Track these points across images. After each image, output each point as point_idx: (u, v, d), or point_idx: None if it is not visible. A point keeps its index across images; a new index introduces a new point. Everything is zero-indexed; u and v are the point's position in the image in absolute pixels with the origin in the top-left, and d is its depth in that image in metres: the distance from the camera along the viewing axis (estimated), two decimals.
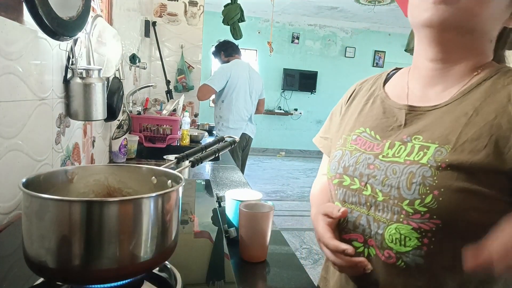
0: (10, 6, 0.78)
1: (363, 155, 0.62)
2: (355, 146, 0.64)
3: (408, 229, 0.54)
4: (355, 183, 0.61)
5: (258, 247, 0.82)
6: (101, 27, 1.25)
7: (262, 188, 4.68)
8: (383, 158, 0.59)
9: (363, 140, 0.64)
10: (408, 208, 0.54)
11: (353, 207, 0.61)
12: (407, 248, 0.54)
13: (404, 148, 0.57)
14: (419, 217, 0.53)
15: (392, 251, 0.56)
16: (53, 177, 0.58)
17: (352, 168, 0.62)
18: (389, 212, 0.56)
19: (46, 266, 0.46)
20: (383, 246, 0.57)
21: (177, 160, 0.77)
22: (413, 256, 0.54)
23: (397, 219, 0.55)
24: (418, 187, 0.53)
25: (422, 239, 0.53)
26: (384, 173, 0.57)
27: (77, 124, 1.21)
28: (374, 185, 0.58)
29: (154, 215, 0.49)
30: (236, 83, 2.78)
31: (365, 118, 0.67)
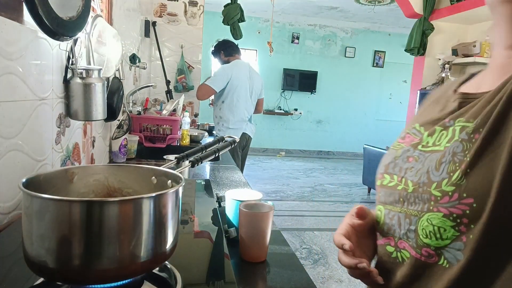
0: (10, 6, 0.78)
1: (403, 149, 0.56)
2: (401, 144, 0.58)
3: (439, 217, 0.45)
4: (393, 180, 0.55)
5: (258, 247, 0.82)
6: (101, 27, 1.25)
7: (262, 188, 4.68)
8: (422, 148, 0.53)
9: (411, 137, 0.57)
10: (436, 191, 0.46)
11: (390, 208, 0.54)
12: (445, 241, 0.45)
13: (445, 133, 0.50)
14: (447, 200, 0.45)
15: (431, 248, 0.47)
16: (53, 177, 0.58)
17: (392, 164, 0.57)
18: (420, 203, 0.49)
19: (46, 266, 0.46)
20: (419, 244, 0.48)
21: (177, 160, 0.77)
22: (453, 251, 0.45)
23: (428, 208, 0.47)
24: (447, 165, 0.46)
25: (458, 227, 0.44)
26: (422, 164, 0.51)
27: (77, 124, 1.21)
28: (408, 178, 0.52)
29: (154, 215, 0.49)
30: (237, 84, 2.77)
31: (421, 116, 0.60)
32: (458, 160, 0.45)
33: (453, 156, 0.46)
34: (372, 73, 7.41)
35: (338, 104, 7.38)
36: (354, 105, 7.43)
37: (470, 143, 0.45)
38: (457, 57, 3.58)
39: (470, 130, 0.46)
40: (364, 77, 7.36)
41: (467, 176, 0.44)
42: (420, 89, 3.73)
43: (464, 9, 3.33)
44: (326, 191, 4.81)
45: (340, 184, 5.25)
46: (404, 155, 0.55)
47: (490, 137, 0.43)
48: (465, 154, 0.45)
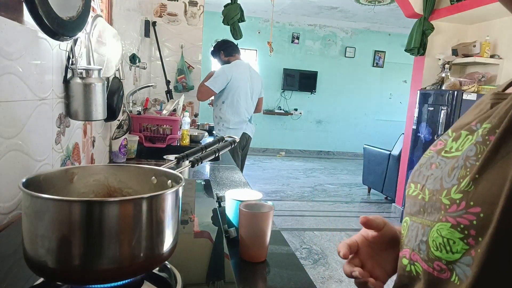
0: (10, 6, 0.78)
1: (429, 156, 0.52)
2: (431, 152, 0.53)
3: (447, 227, 0.41)
4: (416, 189, 0.51)
5: (258, 247, 0.82)
6: (101, 27, 1.25)
7: (262, 188, 4.68)
8: (445, 154, 0.49)
9: (442, 143, 0.52)
10: (445, 199, 0.42)
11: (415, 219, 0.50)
12: (456, 255, 0.41)
13: (471, 138, 0.45)
14: (455, 208, 0.41)
15: (442, 262, 0.42)
16: (53, 177, 0.58)
17: (417, 172, 0.53)
18: (433, 213, 0.45)
19: (46, 266, 0.46)
20: (430, 257, 0.44)
21: (177, 160, 0.77)
22: (464, 266, 0.40)
23: (438, 218, 0.43)
24: (458, 171, 0.42)
25: (466, 239, 0.40)
26: (441, 171, 0.46)
27: (77, 124, 1.21)
28: (427, 186, 0.48)
29: (154, 215, 0.49)
30: (238, 84, 2.77)
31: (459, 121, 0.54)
32: (469, 165, 0.41)
33: (465, 161, 0.42)
34: (372, 73, 7.41)
35: (338, 104, 7.38)
36: (354, 105, 7.43)
37: (484, 145, 0.41)
38: (457, 57, 3.58)
39: (485, 132, 0.42)
40: (364, 77, 7.36)
41: (476, 183, 0.40)
42: (420, 89, 3.73)
43: (464, 9, 3.33)
44: (326, 191, 4.81)
45: (340, 184, 5.25)
46: (428, 162, 0.51)
47: (503, 140, 0.39)
48: (477, 159, 0.41)
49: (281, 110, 7.14)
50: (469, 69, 3.77)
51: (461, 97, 3.21)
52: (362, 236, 0.57)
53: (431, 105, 3.50)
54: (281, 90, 7.11)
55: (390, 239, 0.56)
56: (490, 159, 0.39)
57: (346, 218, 3.79)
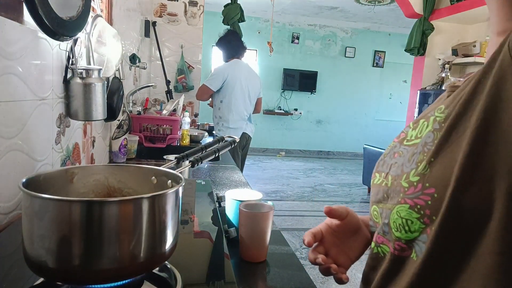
0: (10, 6, 0.78)
1: (391, 146, 0.56)
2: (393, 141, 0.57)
3: (406, 209, 0.44)
4: (380, 178, 0.54)
5: (258, 247, 0.82)
6: (101, 27, 1.25)
7: (262, 188, 4.68)
8: (406, 142, 0.52)
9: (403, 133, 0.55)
10: (404, 182, 0.46)
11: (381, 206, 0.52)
12: (414, 234, 0.44)
13: (426, 124, 0.49)
14: (413, 190, 0.44)
15: (402, 241, 0.45)
16: (53, 177, 0.58)
17: (381, 162, 0.56)
18: (395, 197, 0.48)
19: (46, 266, 0.46)
20: (392, 237, 0.47)
21: (177, 160, 0.77)
22: (421, 244, 0.43)
23: (397, 201, 0.46)
24: (417, 156, 0.46)
25: (422, 219, 0.43)
26: (403, 158, 0.49)
27: (77, 124, 1.21)
28: (390, 173, 0.51)
29: (154, 215, 0.49)
30: (234, 82, 2.77)
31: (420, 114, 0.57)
32: (427, 150, 0.45)
33: (423, 147, 0.46)
34: (372, 73, 7.41)
35: (338, 104, 7.38)
36: (354, 105, 7.43)
37: (439, 132, 0.44)
38: (457, 57, 3.58)
39: (441, 119, 0.45)
40: (364, 77, 7.36)
41: (431, 165, 0.43)
42: (420, 89, 3.73)
43: (464, 9, 3.33)
44: (326, 191, 4.81)
45: (340, 184, 5.25)
46: (391, 152, 0.54)
47: (455, 125, 0.42)
48: (434, 144, 0.44)
49: (281, 110, 7.14)
50: (469, 69, 3.77)
51: None
52: (327, 225, 0.61)
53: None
54: (281, 90, 7.11)
55: (353, 228, 0.60)
56: (443, 144, 0.43)
57: None
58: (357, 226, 0.61)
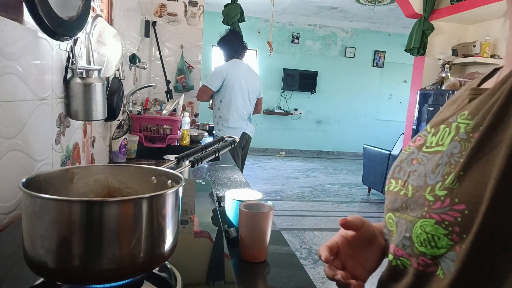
0: (10, 6, 0.78)
1: (409, 151, 0.53)
2: (411, 147, 0.54)
3: (431, 224, 0.42)
4: (397, 185, 0.52)
5: (258, 247, 0.82)
6: (101, 27, 1.25)
7: (262, 188, 4.68)
8: (426, 149, 0.50)
9: (421, 139, 0.53)
10: (429, 196, 0.43)
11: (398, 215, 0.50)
12: (441, 250, 0.42)
13: (448, 130, 0.47)
14: (439, 205, 0.41)
15: (427, 257, 0.43)
16: (53, 177, 0.58)
17: (398, 168, 0.54)
18: (416, 209, 0.45)
19: (46, 266, 0.46)
20: (415, 252, 0.45)
21: (177, 160, 0.77)
22: (449, 261, 0.41)
23: (421, 214, 0.44)
24: (443, 168, 0.43)
25: (450, 236, 0.40)
26: (424, 167, 0.47)
27: (77, 124, 1.21)
28: (410, 182, 0.49)
29: (154, 215, 0.49)
30: (234, 82, 2.78)
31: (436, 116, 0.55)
32: (454, 162, 0.42)
33: (449, 158, 0.43)
34: (372, 73, 7.41)
35: (338, 104, 7.38)
36: (354, 105, 7.43)
37: (468, 142, 0.42)
38: (457, 57, 3.58)
39: (469, 129, 0.43)
40: (364, 77, 7.36)
41: (460, 180, 0.40)
42: (420, 89, 3.73)
43: (464, 9, 3.33)
44: (326, 191, 4.81)
45: (340, 184, 5.25)
46: (409, 158, 0.52)
47: (488, 136, 0.40)
48: (462, 156, 0.41)
49: (281, 110, 7.14)
50: (469, 69, 3.77)
51: None
52: (342, 236, 0.57)
53: (431, 105, 3.50)
54: (281, 90, 7.10)
55: (369, 238, 0.57)
56: (474, 156, 0.40)
57: None
58: (372, 235, 0.58)
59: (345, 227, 0.56)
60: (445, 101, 2.41)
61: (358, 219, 0.56)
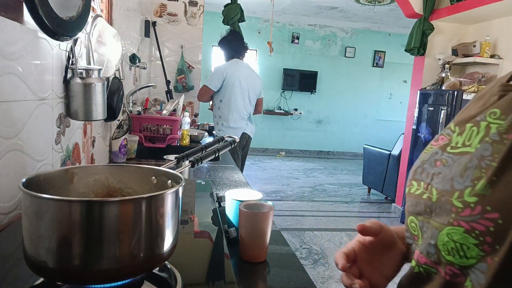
0: (10, 6, 0.78)
1: (432, 151, 0.50)
2: (433, 147, 0.51)
3: (460, 232, 0.39)
4: (420, 188, 0.49)
5: (258, 247, 0.82)
6: (101, 27, 1.25)
7: (262, 188, 4.68)
8: (451, 150, 0.46)
9: (444, 138, 0.49)
10: (457, 202, 0.40)
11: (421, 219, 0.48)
12: (470, 260, 0.39)
13: (476, 130, 0.43)
14: (469, 212, 0.38)
15: (455, 266, 0.41)
16: (53, 177, 0.58)
17: (420, 169, 0.50)
18: (442, 214, 0.42)
19: (46, 266, 0.46)
20: (441, 260, 0.42)
21: (177, 160, 0.77)
22: (479, 273, 0.38)
23: (448, 221, 0.41)
24: (472, 171, 0.40)
25: (481, 246, 0.38)
26: (449, 169, 0.44)
27: (77, 124, 1.21)
28: (433, 185, 0.46)
29: (154, 215, 0.49)
30: (233, 81, 2.78)
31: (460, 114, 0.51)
32: (485, 166, 0.39)
33: (480, 161, 0.39)
34: (372, 73, 7.41)
35: (338, 104, 7.38)
36: (354, 105, 7.43)
37: (501, 144, 0.38)
38: (457, 57, 3.58)
39: (502, 129, 0.39)
40: (364, 77, 7.36)
41: (493, 186, 0.37)
42: (420, 89, 3.73)
43: (464, 9, 3.33)
44: (326, 191, 4.81)
45: (340, 184, 5.25)
46: (432, 159, 0.48)
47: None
48: (494, 159, 0.38)
49: (281, 110, 7.14)
50: (469, 69, 3.77)
51: (461, 97, 3.21)
52: (359, 242, 0.55)
53: (431, 105, 3.50)
54: (281, 90, 7.10)
55: (388, 243, 0.54)
56: (508, 161, 0.37)
57: (346, 218, 3.79)
58: (391, 241, 0.54)
59: (363, 233, 0.53)
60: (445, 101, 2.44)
61: (376, 224, 0.54)
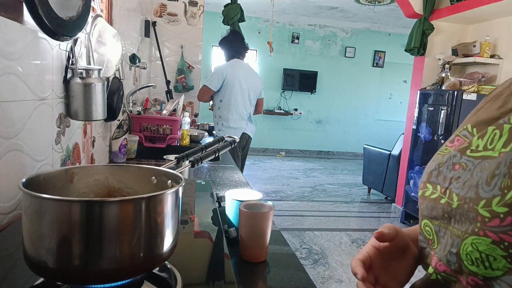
0: (10, 6, 0.78)
1: (449, 154, 0.48)
2: (449, 149, 0.49)
3: (487, 243, 0.38)
4: (436, 191, 0.47)
5: (258, 247, 0.82)
6: (101, 27, 1.25)
7: (262, 188, 4.68)
8: (471, 153, 0.44)
9: (460, 139, 0.48)
10: (484, 211, 0.38)
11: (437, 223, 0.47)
12: (496, 272, 0.38)
13: (499, 133, 0.42)
14: (497, 223, 0.37)
15: (478, 277, 0.40)
16: (53, 177, 0.58)
17: (436, 172, 0.49)
18: (465, 222, 0.41)
19: (46, 266, 0.46)
20: (463, 270, 0.41)
21: (177, 160, 0.77)
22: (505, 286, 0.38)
23: (473, 230, 0.39)
24: (500, 179, 0.38)
25: (510, 258, 0.37)
26: (471, 174, 0.42)
27: (77, 124, 1.21)
28: (453, 190, 0.44)
29: (154, 215, 0.49)
30: (234, 81, 2.78)
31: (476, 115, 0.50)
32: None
33: (509, 168, 0.37)
34: (372, 73, 7.41)
35: (338, 104, 7.38)
36: (354, 105, 7.43)
37: None
38: (457, 57, 3.57)
39: None
40: (364, 77, 7.36)
41: None
42: (420, 89, 3.73)
43: (464, 9, 3.33)
44: (326, 191, 4.81)
45: (340, 184, 5.25)
46: (450, 162, 0.47)
47: None
48: None
49: (281, 110, 7.14)
50: (469, 69, 3.77)
51: (461, 97, 3.21)
52: (374, 247, 0.53)
53: (431, 105, 3.50)
54: (281, 90, 7.10)
55: (403, 248, 0.53)
56: None
57: (346, 218, 3.79)
58: (406, 245, 0.53)
59: (381, 240, 0.52)
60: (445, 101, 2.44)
61: (392, 229, 0.52)
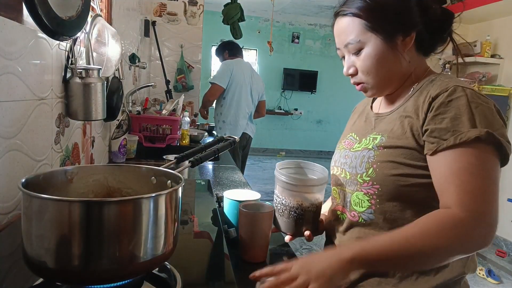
0: (10, 6, 0.78)
1: (344, 150, 0.87)
2: (343, 146, 0.89)
3: (361, 194, 0.77)
4: (338, 170, 0.86)
5: (258, 247, 0.82)
6: (100, 26, 1.24)
7: (262, 188, 4.67)
8: (352, 150, 0.83)
9: (349, 141, 0.87)
10: (360, 179, 0.77)
11: (340, 188, 0.86)
12: (363, 208, 0.77)
13: (366, 140, 0.81)
14: (366, 185, 0.75)
15: (356, 212, 0.79)
16: (53, 177, 0.58)
17: (338, 160, 0.88)
18: (352, 185, 0.79)
19: (45, 266, 0.46)
20: (350, 209, 0.80)
21: (177, 160, 0.77)
22: (367, 214, 0.76)
23: (356, 189, 0.78)
24: (365, 164, 0.76)
25: (370, 201, 0.75)
26: (351, 160, 0.81)
27: (77, 124, 1.21)
28: (345, 169, 0.83)
29: (153, 215, 0.49)
30: (238, 79, 2.79)
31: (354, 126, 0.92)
32: (370, 161, 0.75)
33: (368, 158, 0.76)
34: None
35: (338, 104, 7.37)
36: (354, 105, 7.36)
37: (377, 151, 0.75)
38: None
39: (377, 143, 0.76)
40: None
41: (376, 172, 0.74)
42: None
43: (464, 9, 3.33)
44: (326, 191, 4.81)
45: None
46: (343, 154, 0.86)
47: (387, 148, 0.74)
48: (374, 157, 0.75)
49: (281, 110, 7.13)
50: (470, 69, 3.77)
51: None
52: None
53: None
54: (281, 90, 7.10)
55: None
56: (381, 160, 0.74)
57: None
58: None
59: None
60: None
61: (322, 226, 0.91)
